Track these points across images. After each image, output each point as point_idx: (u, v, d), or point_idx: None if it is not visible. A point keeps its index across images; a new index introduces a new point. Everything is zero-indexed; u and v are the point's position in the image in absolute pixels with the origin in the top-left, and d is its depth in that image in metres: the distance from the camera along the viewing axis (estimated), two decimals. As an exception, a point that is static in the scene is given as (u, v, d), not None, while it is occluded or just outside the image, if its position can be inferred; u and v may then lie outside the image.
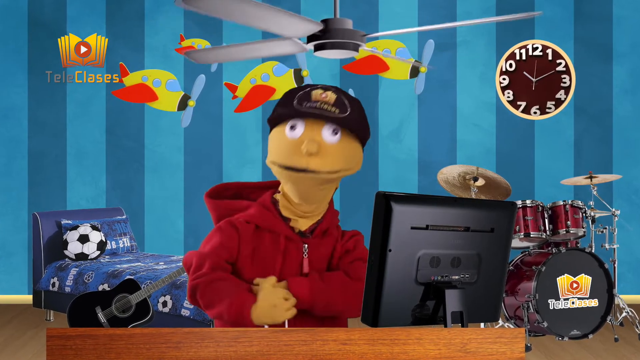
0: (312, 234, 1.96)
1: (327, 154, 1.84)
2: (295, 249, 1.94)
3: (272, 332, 1.36)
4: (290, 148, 1.86)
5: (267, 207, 1.96)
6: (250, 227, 1.94)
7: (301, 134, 1.85)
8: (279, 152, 1.89)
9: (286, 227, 1.94)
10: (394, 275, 1.54)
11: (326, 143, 1.85)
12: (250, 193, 2.06)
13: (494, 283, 1.68)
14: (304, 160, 1.84)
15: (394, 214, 1.51)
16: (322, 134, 1.85)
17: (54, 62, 6.41)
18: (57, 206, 6.42)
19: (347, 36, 3.96)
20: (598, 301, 4.75)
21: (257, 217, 1.95)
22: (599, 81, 6.44)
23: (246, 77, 6.41)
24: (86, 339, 1.34)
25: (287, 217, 1.95)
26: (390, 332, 1.39)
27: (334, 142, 1.85)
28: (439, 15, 6.44)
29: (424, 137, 6.51)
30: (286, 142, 1.87)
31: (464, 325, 1.58)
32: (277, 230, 1.93)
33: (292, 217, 1.95)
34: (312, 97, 1.87)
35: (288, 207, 1.95)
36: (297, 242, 1.94)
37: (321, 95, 1.87)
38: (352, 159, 1.91)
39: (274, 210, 1.96)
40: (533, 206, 4.85)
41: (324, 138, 1.85)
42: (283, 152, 1.88)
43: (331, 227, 2.00)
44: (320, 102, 1.86)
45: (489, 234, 1.64)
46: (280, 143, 1.89)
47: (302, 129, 1.85)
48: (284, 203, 1.95)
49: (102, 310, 4.45)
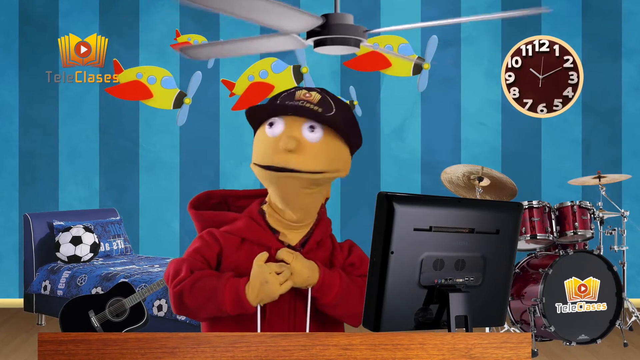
0: (303, 247, 1.93)
1: (307, 152, 1.82)
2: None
3: (270, 337, 1.36)
4: (270, 146, 1.85)
5: (255, 219, 1.93)
6: (234, 239, 1.92)
7: (280, 131, 1.84)
8: (259, 152, 1.89)
9: (275, 241, 1.91)
10: (396, 278, 1.54)
11: (306, 140, 1.82)
12: (236, 201, 2.04)
13: (499, 286, 1.68)
14: (283, 158, 1.82)
15: (396, 215, 1.51)
16: (302, 130, 1.83)
17: (48, 59, 6.41)
18: (49, 207, 6.42)
19: (348, 32, 3.96)
20: (607, 305, 4.75)
21: (245, 229, 1.92)
22: (608, 78, 6.45)
23: (244, 74, 6.41)
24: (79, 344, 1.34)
25: (275, 230, 1.93)
26: (393, 336, 1.39)
27: (315, 140, 1.83)
28: (442, 10, 6.44)
29: (427, 135, 6.51)
30: (266, 141, 1.87)
31: (468, 330, 1.58)
32: (266, 243, 1.91)
33: (280, 229, 1.92)
34: (295, 96, 1.86)
35: (275, 217, 1.92)
36: None
37: (304, 94, 1.86)
38: (336, 161, 1.87)
39: (262, 222, 1.93)
40: (540, 207, 4.85)
41: (303, 135, 1.83)
42: (262, 150, 1.87)
43: (324, 238, 1.98)
44: (302, 100, 1.85)
45: (494, 235, 1.64)
46: (260, 142, 1.89)
47: (282, 126, 1.84)
48: (270, 213, 1.92)
49: (96, 315, 4.45)
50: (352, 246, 2.02)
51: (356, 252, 2.00)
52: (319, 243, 1.96)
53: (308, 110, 1.82)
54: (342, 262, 1.97)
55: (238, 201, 2.04)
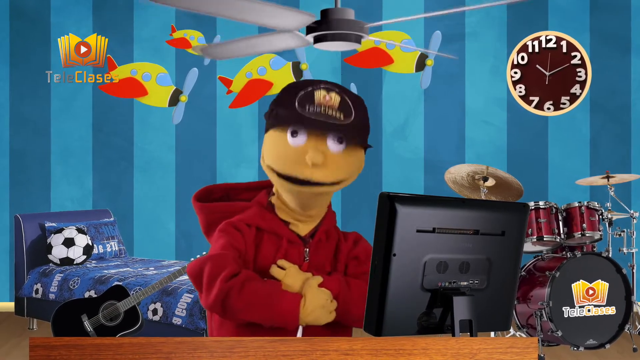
0: (312, 237, 1.97)
1: (331, 163, 1.86)
2: (297, 253, 1.94)
3: (269, 342, 1.36)
4: (293, 157, 1.86)
5: (267, 208, 1.97)
6: (251, 229, 1.94)
7: (305, 141, 1.86)
8: (279, 159, 1.89)
9: (288, 230, 1.95)
10: (399, 281, 1.54)
11: (331, 152, 1.86)
12: (238, 194, 2.06)
13: (504, 290, 1.68)
14: (308, 171, 1.85)
15: (399, 216, 1.51)
16: (327, 142, 1.86)
17: (40, 56, 6.41)
18: (41, 208, 6.42)
19: (348, 27, 3.96)
20: (615, 309, 4.75)
21: (258, 218, 1.95)
22: (617, 75, 6.45)
23: (241, 70, 6.41)
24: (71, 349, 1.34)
25: (286, 221, 1.96)
26: (395, 341, 1.39)
27: (339, 151, 1.87)
28: (446, 4, 6.44)
29: (430, 134, 6.51)
30: (288, 150, 1.87)
31: (473, 335, 1.58)
32: (280, 233, 1.94)
33: (290, 220, 1.96)
34: (315, 100, 1.86)
35: (285, 210, 1.96)
36: (298, 245, 1.95)
37: (325, 98, 1.87)
38: (355, 167, 1.94)
39: (272, 211, 1.97)
40: (546, 208, 4.85)
41: (329, 147, 1.86)
42: (284, 160, 1.88)
43: (330, 229, 2.02)
44: (324, 106, 1.86)
45: (500, 237, 1.64)
46: (281, 149, 1.89)
47: (305, 136, 1.86)
48: (280, 206, 1.96)
49: (89, 319, 4.45)
50: (359, 239, 2.04)
51: (362, 246, 2.02)
52: (327, 233, 2.00)
53: (334, 121, 1.84)
54: (345, 254, 1.99)
55: (241, 194, 2.06)
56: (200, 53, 4.69)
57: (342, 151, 1.88)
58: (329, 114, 1.85)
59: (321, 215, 2.00)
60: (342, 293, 1.89)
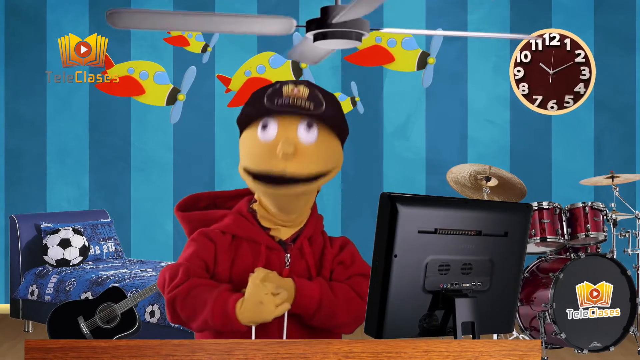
0: (294, 242, 1.95)
1: (304, 155, 1.84)
2: (277, 259, 1.93)
3: (268, 345, 1.36)
4: (264, 151, 1.85)
5: (244, 216, 1.95)
6: (226, 237, 1.93)
7: (275, 134, 1.84)
8: (251, 156, 1.89)
9: (266, 236, 1.93)
10: (400, 282, 1.54)
11: (302, 144, 1.84)
12: (225, 202, 2.05)
13: (507, 291, 1.68)
14: (281, 164, 1.83)
15: (400, 216, 1.51)
16: (298, 132, 1.85)
17: (36, 54, 6.41)
18: (37, 208, 6.42)
19: (349, 25, 3.96)
20: (620, 311, 4.75)
21: (234, 226, 1.94)
22: (621, 73, 6.45)
23: (240, 68, 6.41)
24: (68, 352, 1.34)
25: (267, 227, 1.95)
26: (396, 344, 1.39)
27: (311, 141, 1.85)
28: (447, 2, 6.44)
29: (432, 133, 6.51)
30: (259, 145, 1.87)
31: (475, 337, 1.58)
32: (257, 239, 1.92)
33: (272, 226, 1.94)
34: (283, 93, 1.86)
35: (267, 217, 1.94)
36: (278, 251, 1.93)
37: (293, 90, 1.86)
38: (331, 159, 1.91)
39: (251, 218, 1.95)
40: (550, 208, 4.85)
41: (299, 137, 1.84)
42: (257, 156, 1.87)
43: (315, 234, 1.99)
44: (293, 97, 1.85)
45: (503, 238, 1.64)
46: (253, 146, 1.88)
47: (276, 128, 1.85)
48: (262, 213, 1.95)
49: (85, 321, 4.45)
50: (346, 244, 2.02)
51: (348, 250, 2.00)
52: (310, 239, 1.97)
53: (302, 109, 1.83)
54: (330, 260, 1.98)
55: (228, 202, 2.05)
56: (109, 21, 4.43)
57: (315, 142, 1.86)
58: (298, 104, 1.84)
59: (304, 219, 1.97)
60: (325, 297, 1.87)
